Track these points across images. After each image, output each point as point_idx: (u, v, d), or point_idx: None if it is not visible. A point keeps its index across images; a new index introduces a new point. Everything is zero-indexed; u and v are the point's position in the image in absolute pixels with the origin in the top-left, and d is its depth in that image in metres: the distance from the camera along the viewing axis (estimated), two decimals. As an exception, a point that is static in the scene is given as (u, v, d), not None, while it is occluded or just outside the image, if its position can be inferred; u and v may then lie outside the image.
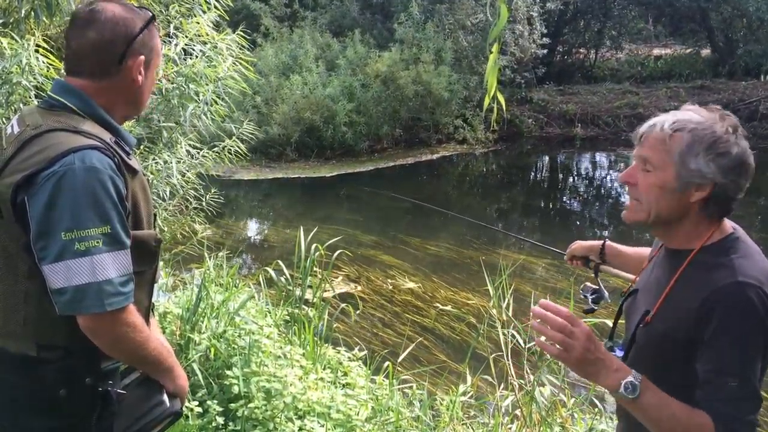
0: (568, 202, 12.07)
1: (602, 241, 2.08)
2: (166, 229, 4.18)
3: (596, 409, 3.50)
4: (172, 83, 3.72)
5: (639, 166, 1.50)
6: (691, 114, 1.46)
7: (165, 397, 1.64)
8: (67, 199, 1.42)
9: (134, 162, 1.61)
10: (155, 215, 1.76)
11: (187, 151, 3.97)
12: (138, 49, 1.58)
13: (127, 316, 1.50)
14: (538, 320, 1.41)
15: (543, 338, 1.44)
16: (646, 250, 1.94)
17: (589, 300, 2.05)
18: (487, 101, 1.89)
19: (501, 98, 1.91)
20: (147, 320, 1.69)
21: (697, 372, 1.41)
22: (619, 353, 1.60)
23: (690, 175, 1.43)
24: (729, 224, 1.52)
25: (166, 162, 3.74)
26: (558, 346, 1.38)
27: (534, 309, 1.41)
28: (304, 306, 4.18)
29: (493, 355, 3.74)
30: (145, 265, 1.63)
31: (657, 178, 1.46)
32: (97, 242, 1.43)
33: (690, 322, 1.40)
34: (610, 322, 3.33)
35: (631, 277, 1.91)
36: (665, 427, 1.39)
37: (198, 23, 3.70)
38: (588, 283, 2.06)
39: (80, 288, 1.42)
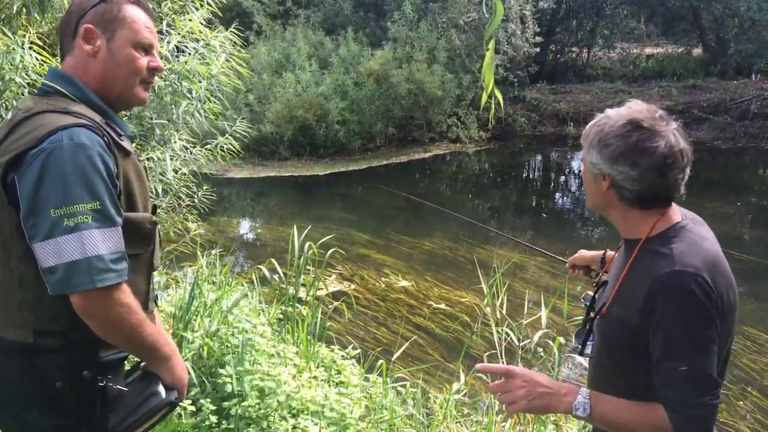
0: (560, 200, 12.09)
1: (603, 252, 2.13)
2: (159, 226, 4.16)
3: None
4: (165, 81, 3.70)
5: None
6: (609, 111, 1.59)
7: (161, 388, 1.63)
8: (56, 175, 1.41)
9: (126, 143, 1.61)
10: (155, 206, 1.74)
11: (183, 146, 3.95)
12: (88, 20, 1.59)
13: (120, 296, 1.48)
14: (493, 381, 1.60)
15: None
16: None
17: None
18: (484, 98, 1.88)
19: (499, 95, 1.90)
20: (147, 306, 1.68)
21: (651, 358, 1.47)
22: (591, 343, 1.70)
23: (591, 167, 1.59)
24: (678, 214, 1.58)
25: (159, 159, 3.72)
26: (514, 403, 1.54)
27: (477, 366, 1.65)
28: (297, 304, 4.17)
29: (486, 354, 3.74)
30: (140, 248, 1.63)
31: (583, 171, 1.65)
32: (86, 218, 1.42)
33: (638, 309, 1.46)
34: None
35: None
36: (629, 428, 1.48)
37: (191, 20, 3.68)
38: (589, 292, 2.11)
39: (70, 265, 1.41)
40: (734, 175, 12.01)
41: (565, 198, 12.20)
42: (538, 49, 16.15)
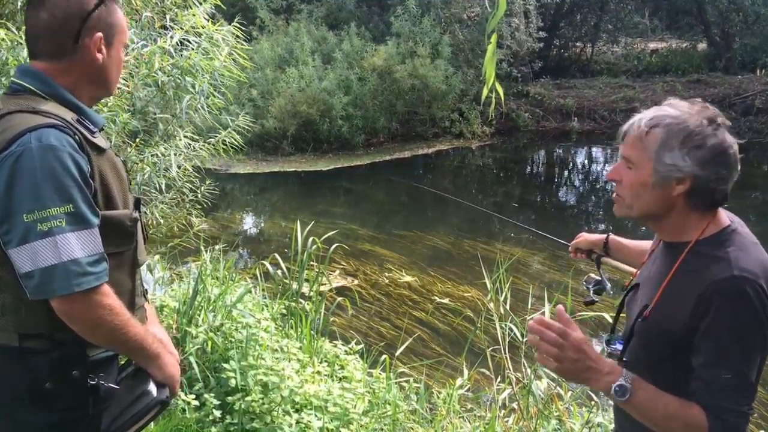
0: (564, 196, 12.08)
1: (606, 235, 2.12)
2: (162, 222, 4.17)
3: (593, 402, 3.51)
4: (168, 75, 3.69)
5: (623, 164, 1.54)
6: (668, 109, 1.48)
7: (151, 387, 1.61)
8: (26, 179, 1.39)
9: (100, 140, 1.57)
10: (138, 200, 1.70)
11: (187, 143, 3.95)
12: (94, 26, 1.54)
13: (101, 298, 1.46)
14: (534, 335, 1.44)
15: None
16: (647, 243, 1.96)
17: (591, 291, 2.11)
18: (485, 92, 1.87)
19: (499, 88, 1.89)
20: (134, 304, 1.65)
21: (691, 365, 1.43)
22: (619, 346, 1.63)
23: (667, 170, 1.45)
24: (726, 217, 1.53)
25: (163, 155, 3.72)
26: (552, 360, 1.42)
27: (530, 324, 1.44)
28: (300, 300, 4.17)
29: (490, 349, 3.74)
30: (122, 246, 1.60)
31: (638, 176, 1.50)
32: (60, 222, 1.39)
33: (686, 315, 1.42)
34: (609, 317, 3.33)
35: (632, 270, 1.94)
36: (661, 424, 1.42)
37: (194, 15, 3.67)
38: (591, 275, 2.11)
39: (47, 270, 1.39)
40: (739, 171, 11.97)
41: (568, 193, 12.19)
42: (541, 44, 16.13)
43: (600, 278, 2.10)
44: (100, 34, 1.55)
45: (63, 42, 1.54)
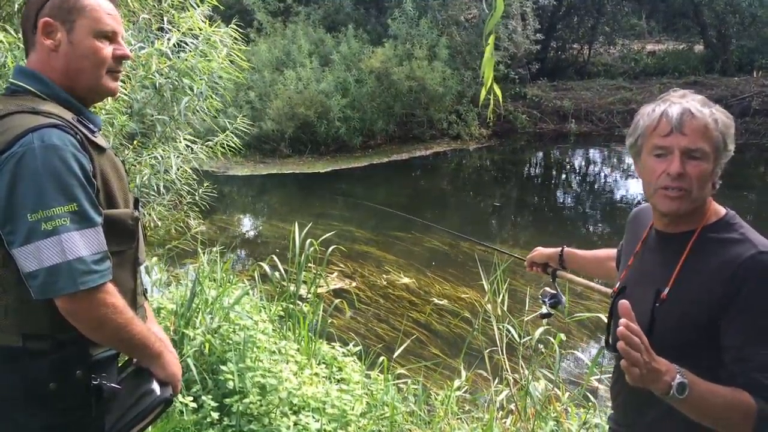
0: (561, 197, 12.09)
1: (560, 248, 2.15)
2: (160, 224, 4.17)
3: (590, 404, 3.51)
4: (166, 77, 3.70)
5: (682, 156, 1.45)
6: (697, 97, 1.50)
7: (154, 386, 1.61)
8: (29, 179, 1.39)
9: (100, 140, 1.57)
10: (137, 200, 1.70)
11: (186, 146, 3.96)
12: (46, 13, 1.53)
13: (105, 297, 1.46)
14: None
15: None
16: (603, 251, 2.02)
17: (547, 305, 2.16)
18: (483, 93, 1.87)
19: (497, 90, 1.89)
20: (135, 303, 1.66)
21: (721, 350, 1.40)
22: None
23: (727, 156, 1.48)
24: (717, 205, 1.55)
25: (162, 157, 3.72)
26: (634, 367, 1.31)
27: (621, 332, 1.30)
28: (298, 302, 4.17)
29: (488, 350, 3.74)
30: (124, 245, 1.60)
31: (707, 165, 1.45)
32: (64, 221, 1.40)
33: (712, 301, 1.41)
34: (603, 317, 3.35)
35: (587, 282, 2.02)
36: (721, 416, 1.37)
37: (191, 17, 3.68)
38: (547, 288, 2.16)
39: (52, 269, 1.39)
40: (735, 173, 12.00)
41: (566, 195, 12.20)
42: (539, 46, 16.15)
43: (555, 292, 2.14)
44: (45, 19, 1.52)
45: (28, 33, 1.56)
